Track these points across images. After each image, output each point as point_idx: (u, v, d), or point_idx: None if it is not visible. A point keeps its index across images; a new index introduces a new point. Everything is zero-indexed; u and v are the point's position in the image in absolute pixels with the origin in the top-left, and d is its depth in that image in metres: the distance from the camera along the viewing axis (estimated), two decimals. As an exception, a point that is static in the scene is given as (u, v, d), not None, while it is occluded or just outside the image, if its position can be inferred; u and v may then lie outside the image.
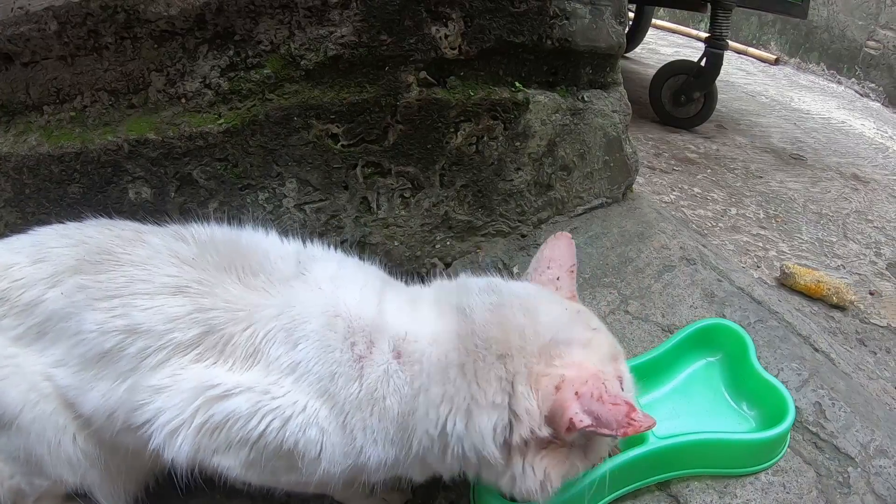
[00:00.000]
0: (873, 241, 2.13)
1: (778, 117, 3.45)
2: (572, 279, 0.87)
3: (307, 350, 0.72)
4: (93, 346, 0.75)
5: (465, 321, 0.75)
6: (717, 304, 1.27)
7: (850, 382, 1.18)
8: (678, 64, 2.80)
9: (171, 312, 0.74)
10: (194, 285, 0.76)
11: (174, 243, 0.81)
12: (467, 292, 0.80)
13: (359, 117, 1.24)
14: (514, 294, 0.80)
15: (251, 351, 0.73)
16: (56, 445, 0.79)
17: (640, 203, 1.63)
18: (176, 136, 1.16)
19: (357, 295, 0.78)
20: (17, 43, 1.12)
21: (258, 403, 0.71)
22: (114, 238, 0.83)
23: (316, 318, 0.74)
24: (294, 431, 0.70)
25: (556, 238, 0.88)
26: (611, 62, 1.52)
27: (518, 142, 1.40)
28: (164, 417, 0.72)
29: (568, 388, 0.69)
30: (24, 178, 1.18)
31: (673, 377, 1.08)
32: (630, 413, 0.66)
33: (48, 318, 0.78)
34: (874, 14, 4.06)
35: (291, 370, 0.72)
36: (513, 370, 0.72)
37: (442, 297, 0.81)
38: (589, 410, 0.67)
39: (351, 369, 0.72)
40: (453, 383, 0.72)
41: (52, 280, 0.79)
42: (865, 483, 0.97)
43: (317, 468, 0.73)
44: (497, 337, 0.73)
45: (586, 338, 0.76)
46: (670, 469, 0.94)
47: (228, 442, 0.73)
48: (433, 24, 1.24)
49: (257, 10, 1.14)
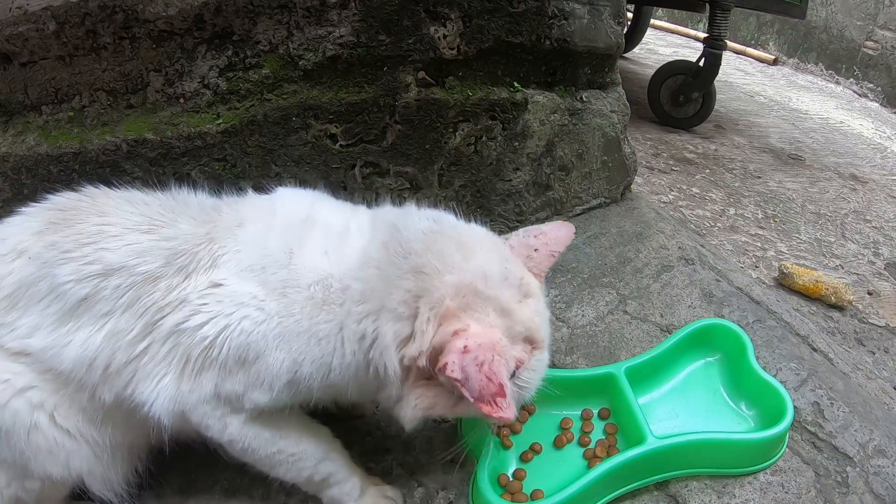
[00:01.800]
0: (871, 241, 2.14)
1: (776, 117, 3.45)
2: (549, 262, 0.85)
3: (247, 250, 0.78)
4: (69, 298, 0.76)
5: (394, 233, 0.78)
6: (716, 303, 1.27)
7: (849, 382, 1.18)
8: (677, 64, 2.80)
9: (141, 247, 0.77)
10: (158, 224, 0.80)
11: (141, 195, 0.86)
12: (406, 215, 0.82)
13: (357, 117, 1.24)
14: (457, 229, 0.81)
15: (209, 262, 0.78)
16: (32, 426, 0.77)
17: (638, 203, 1.63)
18: (174, 137, 1.16)
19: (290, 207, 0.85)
20: (16, 43, 1.12)
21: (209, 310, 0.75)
22: (79, 196, 0.85)
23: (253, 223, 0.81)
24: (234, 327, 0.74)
25: (561, 223, 0.88)
26: (609, 62, 1.52)
27: (517, 142, 1.40)
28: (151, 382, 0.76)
29: (462, 339, 0.69)
30: (22, 178, 1.18)
31: (672, 377, 1.09)
32: (497, 395, 0.66)
33: (17, 288, 0.78)
34: (872, 14, 4.07)
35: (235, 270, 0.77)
36: (422, 287, 0.73)
37: (380, 214, 0.85)
38: (464, 368, 0.67)
39: (282, 257, 0.77)
40: (370, 282, 0.75)
41: (17, 250, 0.79)
42: (864, 483, 0.97)
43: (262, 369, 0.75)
44: (417, 251, 0.75)
45: (510, 306, 0.74)
46: (669, 469, 0.94)
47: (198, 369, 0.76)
48: (432, 25, 1.24)
49: (256, 10, 1.14)
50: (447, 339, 0.70)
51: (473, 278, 0.74)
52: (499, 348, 0.70)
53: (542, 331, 0.78)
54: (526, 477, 0.93)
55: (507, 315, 0.74)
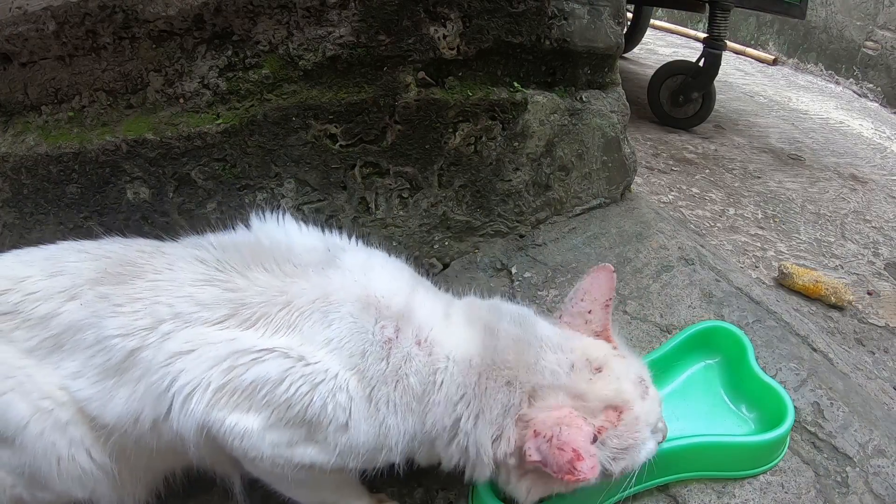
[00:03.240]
0: (871, 241, 2.14)
1: (776, 117, 3.45)
2: (606, 313, 0.88)
3: (340, 328, 0.76)
4: (115, 352, 0.75)
5: (491, 338, 0.81)
6: (716, 304, 1.27)
7: (849, 382, 1.18)
8: (676, 64, 2.80)
9: (199, 298, 0.76)
10: (220, 281, 0.78)
11: (194, 250, 0.83)
12: (499, 316, 0.85)
13: (357, 117, 1.24)
14: (535, 333, 0.83)
15: (286, 325, 0.76)
16: (69, 460, 0.78)
17: (638, 203, 1.63)
18: (174, 137, 1.16)
19: (388, 285, 0.82)
20: (16, 43, 1.12)
21: (290, 369, 0.73)
22: (135, 251, 0.84)
23: (350, 303, 0.78)
24: (323, 395, 0.73)
25: (598, 270, 0.89)
26: (609, 62, 1.52)
27: (516, 142, 1.40)
28: (182, 379, 0.73)
29: (532, 426, 0.76)
30: (22, 178, 1.18)
31: (672, 380, 1.08)
32: (574, 461, 0.70)
33: (65, 330, 0.78)
34: (872, 14, 4.07)
35: (324, 345, 0.75)
36: (511, 401, 0.78)
37: (473, 311, 0.86)
38: (539, 449, 0.73)
39: (380, 349, 0.77)
40: (472, 388, 0.78)
41: (71, 293, 0.79)
42: (864, 483, 0.97)
43: (340, 438, 0.75)
44: (511, 363, 0.79)
45: (578, 387, 0.79)
46: (670, 472, 0.94)
47: (251, 403, 0.74)
48: (431, 25, 1.24)
49: (256, 10, 1.14)
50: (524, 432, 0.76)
51: (539, 377, 0.79)
52: (566, 420, 0.74)
53: (626, 393, 0.80)
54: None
55: (578, 397, 0.78)
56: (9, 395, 0.76)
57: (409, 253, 1.38)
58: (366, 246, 0.92)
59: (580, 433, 0.73)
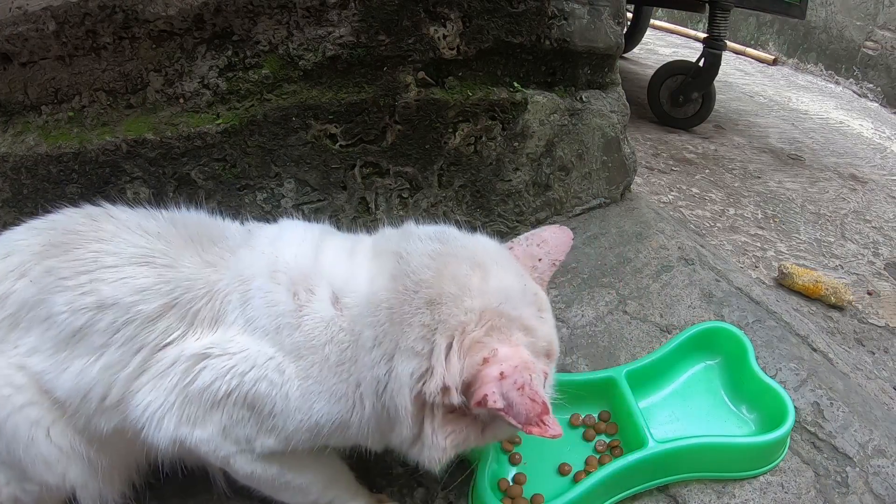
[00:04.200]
0: (871, 241, 2.14)
1: (776, 117, 3.45)
2: (551, 271, 0.83)
3: (254, 307, 0.74)
4: (64, 327, 0.75)
5: (401, 264, 0.73)
6: (716, 304, 1.27)
7: (849, 382, 1.18)
8: (676, 64, 2.80)
9: (138, 284, 0.75)
10: (159, 256, 0.77)
11: (142, 219, 0.83)
12: (408, 237, 0.77)
13: (357, 117, 1.24)
14: (465, 246, 0.76)
15: (212, 317, 0.75)
16: (29, 441, 0.77)
17: (638, 203, 1.63)
18: (174, 137, 1.16)
19: (294, 250, 0.79)
20: (16, 43, 1.12)
21: (218, 366, 0.72)
22: (80, 218, 0.83)
23: (260, 278, 0.76)
24: (249, 386, 0.72)
25: (560, 228, 0.85)
26: (609, 62, 1.52)
27: (516, 142, 1.40)
28: (150, 409, 0.73)
29: (495, 366, 0.66)
30: (22, 178, 1.17)
31: (672, 381, 1.08)
32: (543, 414, 0.64)
33: (20, 308, 0.77)
34: (872, 14, 4.07)
35: (244, 328, 0.74)
36: (439, 318, 0.69)
37: (381, 242, 0.80)
38: (506, 395, 0.64)
39: (292, 319, 0.73)
40: (382, 326, 0.70)
41: (20, 270, 0.78)
42: (864, 483, 0.97)
43: (278, 423, 0.73)
44: (428, 280, 0.71)
45: (531, 323, 0.72)
46: (670, 473, 0.94)
47: (203, 412, 0.74)
48: (431, 25, 1.24)
49: (256, 10, 1.14)
50: (478, 368, 0.67)
51: (496, 300, 0.70)
52: (532, 367, 0.67)
53: (555, 340, 0.77)
54: (526, 482, 0.93)
55: (530, 332, 0.71)
56: None
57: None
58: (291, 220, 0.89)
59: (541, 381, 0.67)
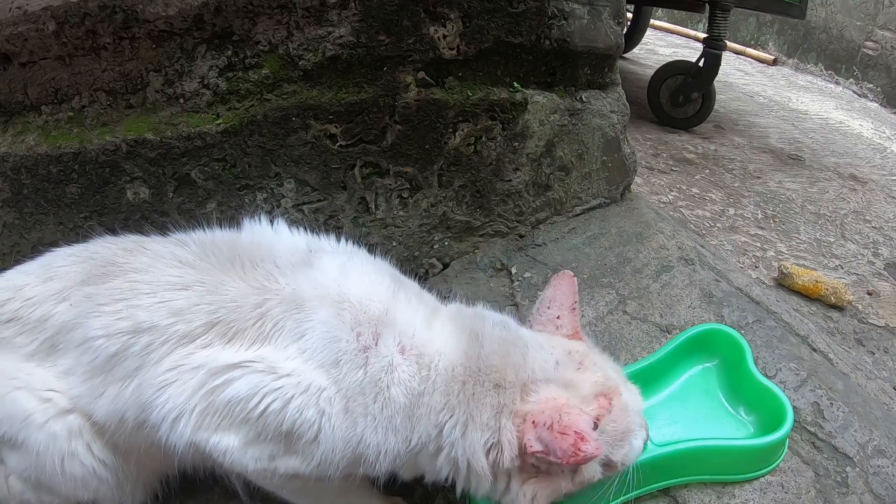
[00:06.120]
0: (871, 242, 2.14)
1: (776, 118, 3.45)
2: (574, 317, 0.89)
3: (313, 337, 0.74)
4: (99, 352, 0.77)
5: (475, 345, 0.80)
6: (716, 304, 1.27)
7: (849, 382, 1.18)
8: (676, 64, 2.80)
9: (175, 306, 0.76)
10: (197, 285, 0.78)
11: (175, 248, 0.84)
12: (482, 321, 0.84)
13: (357, 117, 1.24)
14: (518, 335, 0.84)
15: (260, 336, 0.75)
16: (69, 457, 0.80)
17: (638, 203, 1.63)
18: (174, 137, 1.16)
19: (364, 292, 0.79)
20: (16, 43, 1.12)
21: (260, 385, 0.72)
22: (117, 250, 0.86)
23: (324, 309, 0.76)
24: (294, 410, 0.72)
25: (558, 278, 0.91)
26: (609, 62, 1.52)
27: (516, 142, 1.40)
28: (169, 405, 0.73)
29: (529, 418, 0.75)
30: (22, 178, 1.18)
31: (670, 383, 1.08)
32: (577, 443, 0.69)
33: (58, 331, 0.81)
34: (872, 15, 4.07)
35: (297, 355, 0.74)
36: (503, 402, 0.77)
37: (458, 317, 0.85)
38: (540, 438, 0.72)
39: (356, 358, 0.74)
40: (456, 396, 0.77)
41: (61, 295, 0.82)
42: (864, 483, 0.97)
43: (315, 451, 0.74)
44: (497, 366, 0.78)
45: (567, 378, 0.79)
46: (669, 476, 0.94)
47: (230, 421, 0.74)
48: (431, 25, 1.24)
49: (255, 10, 1.14)
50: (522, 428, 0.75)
51: (529, 373, 0.78)
52: (564, 407, 0.74)
53: (612, 381, 0.81)
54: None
55: (569, 387, 0.78)
56: (14, 394, 0.80)
57: (409, 253, 1.38)
58: (352, 247, 0.91)
59: (580, 418, 0.73)
